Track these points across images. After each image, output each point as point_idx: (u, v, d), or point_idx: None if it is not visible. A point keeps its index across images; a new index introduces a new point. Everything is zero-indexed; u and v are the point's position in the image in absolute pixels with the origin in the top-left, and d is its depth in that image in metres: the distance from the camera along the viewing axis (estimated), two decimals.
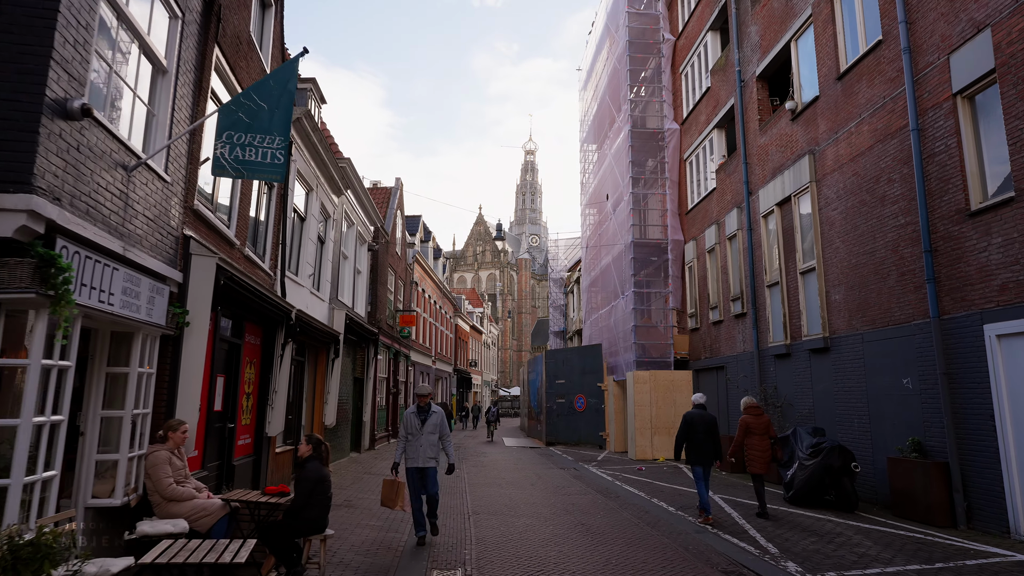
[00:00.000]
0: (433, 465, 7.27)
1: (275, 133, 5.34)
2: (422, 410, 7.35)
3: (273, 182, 5.67)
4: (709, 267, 16.78)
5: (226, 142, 5.32)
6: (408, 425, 7.31)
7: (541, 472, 14.51)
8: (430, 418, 7.31)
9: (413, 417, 7.33)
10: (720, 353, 15.93)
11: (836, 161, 10.88)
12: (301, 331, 10.91)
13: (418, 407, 7.37)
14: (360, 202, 17.05)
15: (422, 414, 7.33)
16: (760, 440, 8.61)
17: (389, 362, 22.77)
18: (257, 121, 5.32)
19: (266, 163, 5.39)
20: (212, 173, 5.40)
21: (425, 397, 7.37)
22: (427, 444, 7.22)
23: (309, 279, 12.32)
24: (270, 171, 5.39)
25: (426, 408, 7.34)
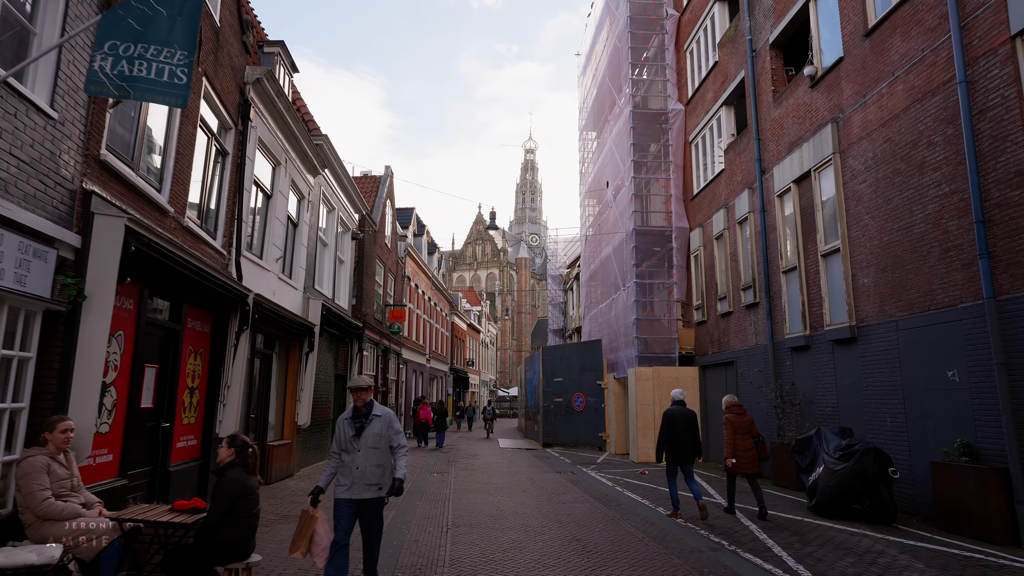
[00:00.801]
0: (377, 495, 4.85)
1: (176, 46, 4.17)
2: (359, 414, 4.93)
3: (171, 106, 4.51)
4: (717, 255, 15.58)
5: (108, 53, 4.13)
6: (340, 437, 4.97)
7: (535, 476, 13.30)
8: (371, 424, 4.87)
9: (346, 425, 4.93)
10: (729, 347, 14.73)
11: (864, 128, 9.68)
12: (262, 319, 9.72)
13: (354, 410, 4.98)
14: (342, 186, 15.86)
15: (359, 420, 4.90)
16: (743, 439, 8.36)
17: (377, 359, 21.58)
18: (151, 29, 4.14)
19: (162, 81, 4.21)
20: (86, 90, 4.20)
21: (363, 392, 4.94)
22: (367, 464, 4.80)
23: (277, 263, 11.13)
24: (167, 92, 4.20)
25: (365, 410, 4.94)
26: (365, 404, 4.97)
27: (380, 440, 4.89)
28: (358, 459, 4.82)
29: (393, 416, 5.07)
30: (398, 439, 4.99)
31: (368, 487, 4.83)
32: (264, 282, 10.37)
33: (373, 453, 4.85)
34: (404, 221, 28.97)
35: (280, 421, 12.07)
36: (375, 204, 22.14)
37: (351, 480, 4.81)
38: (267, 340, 11.14)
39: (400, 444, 4.99)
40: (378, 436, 4.89)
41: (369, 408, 4.98)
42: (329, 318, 13.92)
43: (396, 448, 5.00)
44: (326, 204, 15.01)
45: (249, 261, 9.65)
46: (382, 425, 4.94)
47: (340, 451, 4.93)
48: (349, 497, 4.81)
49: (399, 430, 5.03)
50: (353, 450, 4.84)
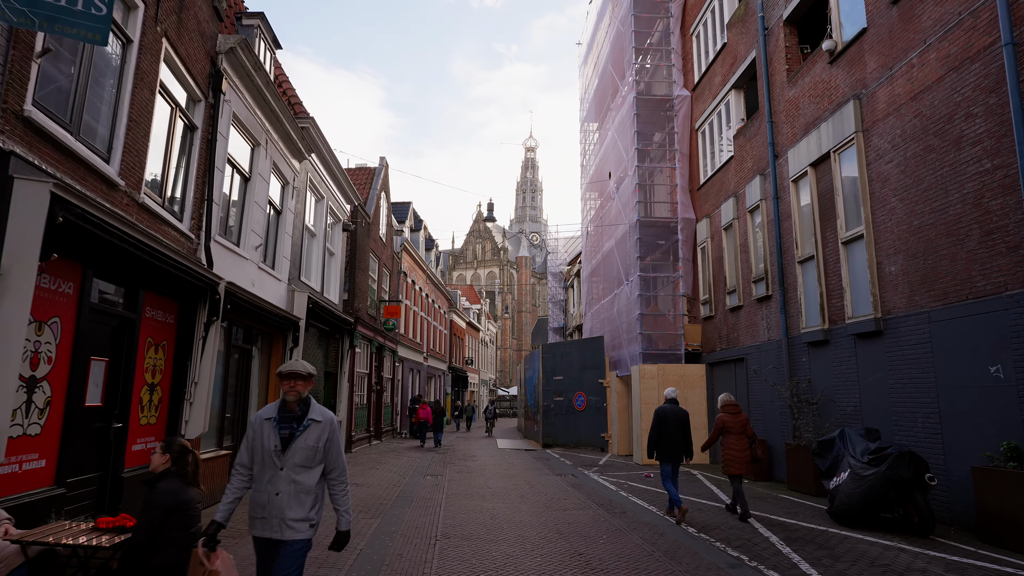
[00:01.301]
0: (300, 537, 3.43)
1: None
2: (289, 415, 3.49)
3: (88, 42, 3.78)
4: (726, 246, 14.80)
5: None
6: (255, 444, 3.50)
7: (534, 480, 12.54)
8: (304, 433, 3.46)
9: (268, 429, 3.47)
10: (739, 343, 13.95)
11: (891, 103, 8.91)
12: (237, 311, 8.96)
13: (282, 407, 3.52)
14: (331, 173, 15.10)
15: (287, 424, 3.46)
16: (738, 440, 8.18)
17: (371, 356, 20.82)
18: None
19: (75, 10, 3.47)
20: None
21: (298, 382, 3.48)
22: (291, 490, 3.41)
23: (257, 252, 10.37)
24: (82, 24, 3.48)
25: (299, 409, 3.50)
26: (299, 401, 3.50)
27: (313, 457, 3.46)
28: (279, 482, 3.38)
29: (336, 425, 3.59)
30: (339, 462, 3.55)
31: (287, 525, 3.36)
32: (241, 271, 9.60)
33: (302, 475, 3.42)
34: (401, 215, 28.19)
35: None
36: (369, 196, 21.38)
37: (267, 511, 3.39)
38: (246, 334, 10.38)
39: (341, 470, 3.57)
40: (312, 451, 3.45)
41: (305, 408, 3.51)
42: (316, 312, 13.17)
43: (335, 476, 3.54)
44: (314, 192, 14.25)
45: (223, 247, 8.89)
46: (319, 436, 3.48)
47: (252, 465, 3.50)
48: (264, 536, 3.44)
49: (341, 449, 3.62)
50: (272, 467, 3.40)
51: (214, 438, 9.06)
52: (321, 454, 3.51)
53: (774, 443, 12.11)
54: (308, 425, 3.49)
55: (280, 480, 3.42)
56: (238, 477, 3.55)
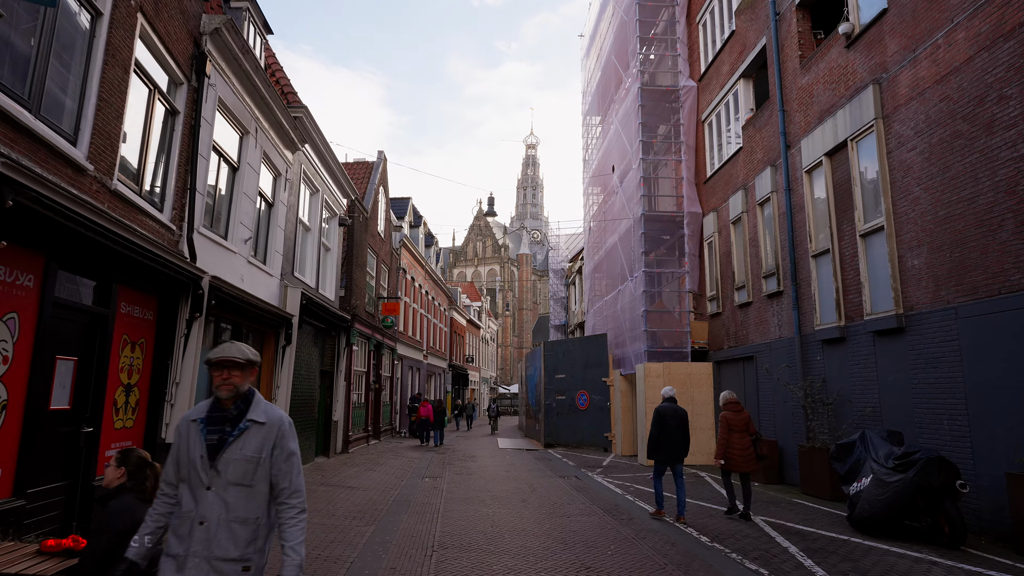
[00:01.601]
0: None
1: None
2: (221, 414, 2.64)
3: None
4: (734, 240, 14.33)
5: None
6: (180, 455, 2.63)
7: (536, 482, 12.08)
8: (241, 438, 2.59)
9: (194, 433, 2.62)
10: (748, 341, 13.48)
11: (914, 87, 8.42)
12: (224, 306, 8.50)
13: (214, 405, 2.67)
14: (327, 166, 14.63)
15: (217, 426, 2.61)
16: (740, 438, 8.12)
17: (369, 354, 20.37)
18: None
19: None
20: None
21: (232, 372, 2.62)
22: (222, 516, 2.54)
23: (246, 245, 9.90)
24: None
25: (236, 408, 2.65)
26: (237, 397, 2.62)
27: (253, 472, 2.56)
28: (205, 506, 2.51)
29: (289, 429, 2.69)
30: (291, 479, 2.62)
31: (213, 567, 2.47)
32: (229, 265, 9.14)
33: (237, 497, 2.54)
34: (400, 211, 27.72)
35: None
36: (367, 190, 20.91)
37: (186, 545, 2.50)
38: (235, 331, 9.92)
39: (294, 491, 2.62)
40: (251, 464, 2.56)
41: (244, 406, 2.63)
42: (311, 308, 12.71)
43: (285, 499, 2.60)
44: (308, 185, 13.78)
45: (208, 240, 8.42)
46: (262, 443, 2.59)
47: (176, 480, 2.62)
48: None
49: (297, 462, 2.67)
50: (198, 484, 2.54)
51: None
52: (265, 468, 2.58)
53: (785, 445, 11.65)
54: (246, 428, 2.58)
55: (207, 503, 2.51)
56: (162, 500, 2.65)
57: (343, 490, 10.62)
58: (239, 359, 2.65)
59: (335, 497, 9.87)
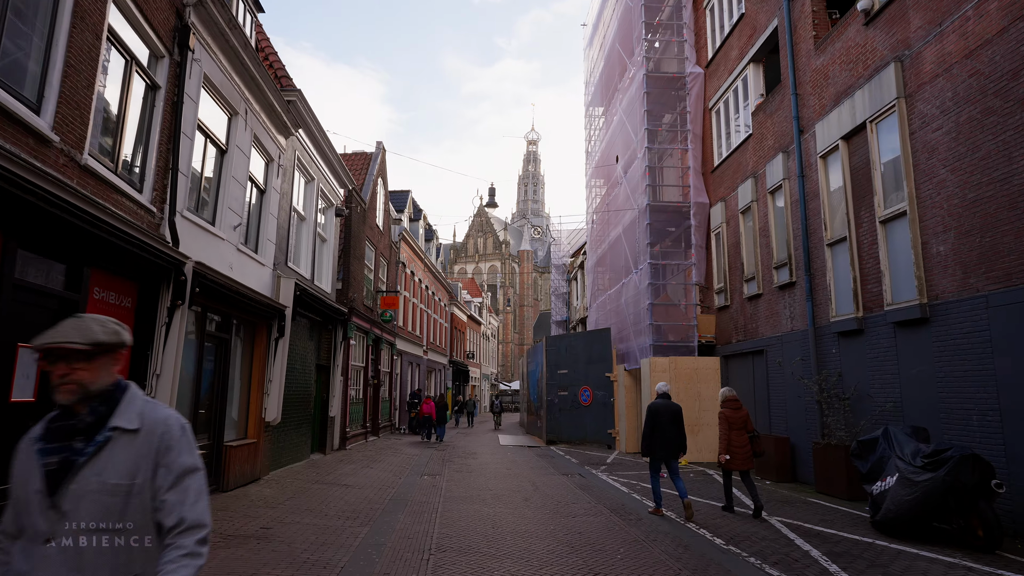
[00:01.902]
0: None
1: None
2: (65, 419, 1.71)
3: None
4: (743, 231, 13.87)
5: None
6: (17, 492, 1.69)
7: (538, 480, 11.65)
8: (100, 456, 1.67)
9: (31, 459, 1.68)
10: (758, 334, 13.03)
11: (940, 63, 7.95)
12: (211, 295, 8.06)
13: (57, 416, 1.73)
14: (322, 153, 14.17)
15: (62, 438, 1.69)
16: (739, 435, 8.09)
17: (367, 349, 19.94)
18: None
19: None
20: None
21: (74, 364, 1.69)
22: None
23: (236, 232, 9.45)
24: None
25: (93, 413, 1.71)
26: (87, 398, 1.72)
27: (124, 506, 1.67)
28: (47, 568, 1.61)
29: (179, 434, 1.77)
30: (184, 511, 1.67)
31: None
32: (216, 252, 8.70)
33: (99, 550, 1.64)
34: (399, 204, 27.25)
35: (244, 417, 10.43)
36: (365, 181, 20.44)
37: None
38: (224, 322, 9.49)
39: (190, 525, 1.66)
40: (119, 495, 1.67)
41: (106, 406, 1.74)
42: (305, 300, 12.27)
43: (176, 536, 1.65)
44: (303, 173, 13.33)
45: (193, 225, 7.98)
46: (135, 459, 1.70)
47: (16, 531, 1.69)
48: None
49: (194, 485, 1.72)
50: (33, 536, 1.65)
51: None
52: (143, 500, 1.68)
53: (798, 442, 11.20)
54: (107, 441, 1.69)
55: (46, 565, 1.62)
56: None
57: (338, 488, 10.19)
58: (79, 344, 1.70)
59: (328, 496, 9.44)
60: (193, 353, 8.36)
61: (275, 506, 8.47)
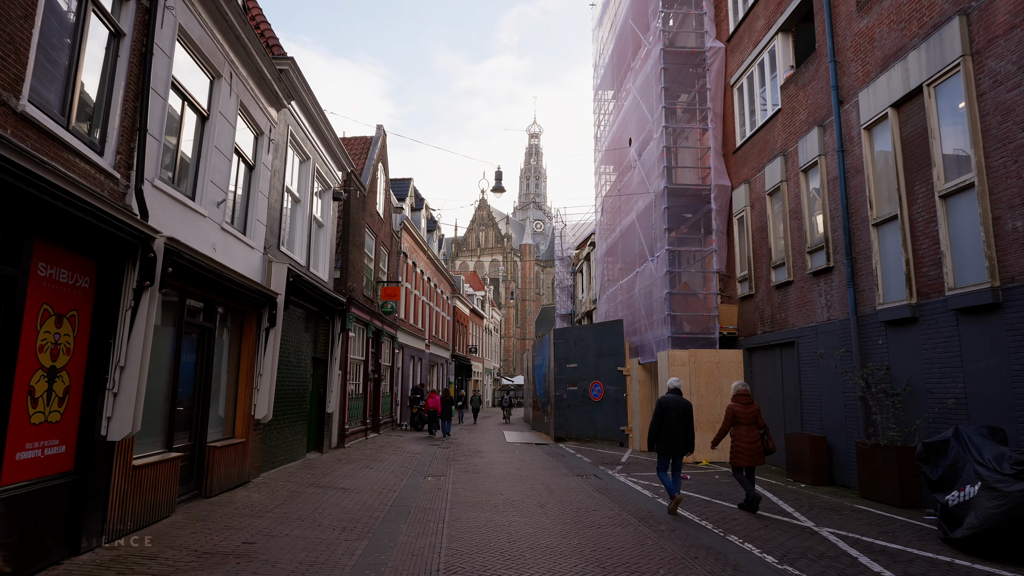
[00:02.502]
0: None
1: None
2: None
3: None
4: (770, 213, 12.90)
5: None
6: None
7: (552, 482, 10.74)
8: None
9: None
10: (788, 325, 12.08)
11: (1017, 12, 6.97)
12: (187, 277, 7.12)
13: None
14: (318, 131, 13.20)
15: None
16: (748, 431, 7.99)
17: (367, 342, 19.01)
18: None
19: None
20: None
21: None
22: None
23: (220, 210, 8.51)
24: None
25: None
26: None
27: None
28: None
29: None
30: None
31: None
32: (197, 230, 7.76)
33: None
34: (400, 193, 26.28)
35: (230, 415, 9.51)
36: (364, 166, 19.48)
37: None
38: (207, 309, 8.55)
39: None
40: None
41: None
42: (299, 288, 11.33)
43: None
44: (297, 151, 12.37)
45: (167, 197, 7.04)
46: None
47: None
48: None
49: None
50: None
51: (158, 437, 7.25)
52: None
53: (836, 441, 10.28)
54: None
55: None
56: None
57: (334, 492, 9.28)
58: None
59: (323, 501, 8.52)
60: (169, 343, 7.42)
61: (263, 514, 7.55)
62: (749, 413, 8.05)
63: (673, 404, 7.98)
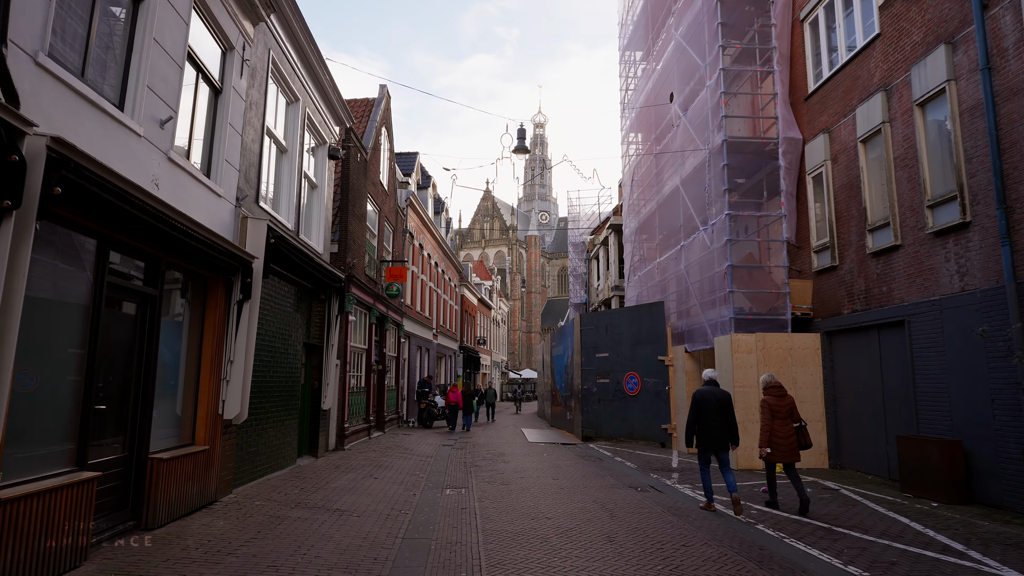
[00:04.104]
0: None
1: None
2: None
3: None
4: (864, 164, 10.51)
5: None
6: None
7: (605, 498, 8.42)
8: None
9: None
10: (893, 300, 9.72)
11: None
12: (87, 206, 4.79)
13: None
14: (307, 65, 10.85)
15: None
16: (783, 425, 7.63)
17: (370, 328, 16.70)
18: None
19: None
20: None
21: None
22: None
23: (164, 132, 6.17)
24: None
25: None
26: None
27: None
28: None
29: None
30: None
31: None
32: (124, 152, 5.44)
33: None
34: (406, 167, 23.90)
35: (189, 414, 7.20)
36: (366, 129, 17.14)
37: None
38: (149, 270, 6.23)
39: None
40: None
41: None
42: (284, 253, 8.99)
43: None
44: (281, 86, 10.03)
45: (70, 91, 4.71)
46: None
47: None
48: None
49: None
50: None
51: (58, 450, 4.93)
52: None
53: (978, 447, 7.93)
54: None
55: None
56: None
57: (327, 517, 6.97)
58: None
59: (312, 533, 6.21)
60: (77, 313, 5.10)
61: (220, 559, 5.24)
62: (784, 406, 7.73)
63: (710, 396, 7.60)
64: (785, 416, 7.70)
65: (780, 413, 7.71)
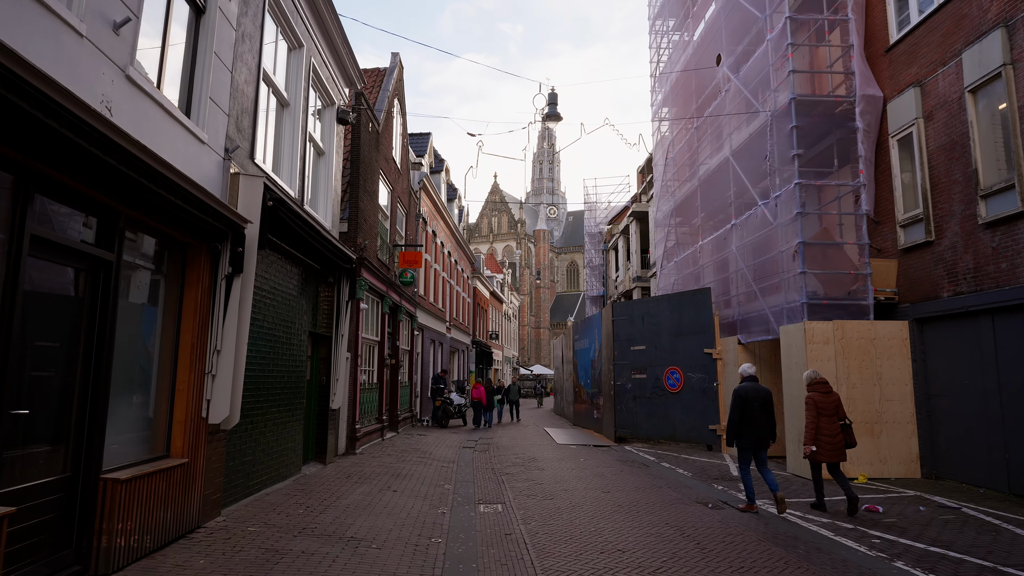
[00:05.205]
0: None
1: None
2: None
3: None
4: (974, 120, 8.83)
5: None
6: None
7: (679, 520, 6.82)
8: None
9: None
10: (1017, 279, 8.07)
11: None
12: (39, 144, 3.21)
13: None
14: (314, 11, 9.27)
15: None
16: (829, 422, 7.31)
17: (383, 318, 15.14)
18: None
19: None
20: None
21: None
22: None
23: (118, 39, 4.60)
24: None
25: None
26: None
27: None
28: None
29: None
30: None
31: None
32: (54, 51, 3.89)
33: None
34: (419, 149, 22.33)
35: (163, 418, 5.64)
36: (378, 99, 15.56)
37: None
38: (103, 226, 4.66)
39: None
40: None
41: None
42: (285, 220, 7.40)
43: None
44: (282, 26, 8.45)
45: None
46: None
47: None
48: None
49: None
50: None
51: None
52: None
53: None
54: None
55: None
56: None
57: (338, 549, 5.40)
58: None
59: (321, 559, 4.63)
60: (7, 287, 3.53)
61: None
62: (830, 403, 7.40)
63: (753, 393, 7.39)
64: (831, 413, 7.36)
65: (826, 410, 7.38)
